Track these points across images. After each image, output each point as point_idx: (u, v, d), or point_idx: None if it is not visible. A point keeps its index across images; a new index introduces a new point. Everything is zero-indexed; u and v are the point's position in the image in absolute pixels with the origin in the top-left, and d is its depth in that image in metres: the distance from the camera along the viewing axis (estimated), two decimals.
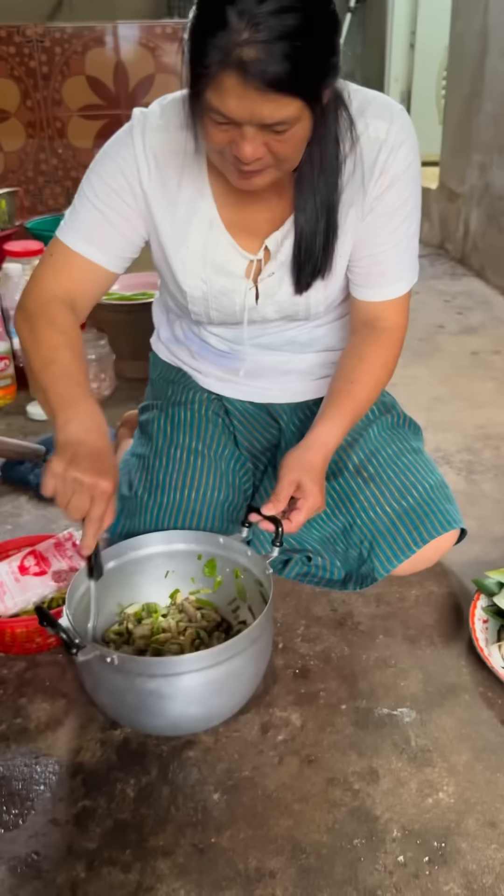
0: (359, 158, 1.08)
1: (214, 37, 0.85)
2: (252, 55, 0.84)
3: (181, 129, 1.06)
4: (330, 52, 0.91)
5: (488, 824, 0.94)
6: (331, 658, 1.20)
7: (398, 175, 1.10)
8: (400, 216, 1.14)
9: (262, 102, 0.88)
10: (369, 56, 4.21)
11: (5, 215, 2.70)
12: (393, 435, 1.35)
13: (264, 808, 0.96)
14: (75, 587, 1.06)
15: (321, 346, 1.33)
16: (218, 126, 0.94)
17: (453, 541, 1.33)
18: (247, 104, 0.88)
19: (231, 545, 1.17)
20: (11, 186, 3.18)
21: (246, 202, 1.12)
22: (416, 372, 2.20)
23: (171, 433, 1.35)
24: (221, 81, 0.87)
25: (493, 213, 2.90)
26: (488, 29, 2.81)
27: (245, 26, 0.84)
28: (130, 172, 1.11)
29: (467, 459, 1.75)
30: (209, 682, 0.98)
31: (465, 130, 3.08)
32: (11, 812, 0.97)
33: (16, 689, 1.15)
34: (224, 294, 1.19)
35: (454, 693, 1.13)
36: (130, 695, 0.94)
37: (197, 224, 1.14)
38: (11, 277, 2.09)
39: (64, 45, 3.47)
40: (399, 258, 1.17)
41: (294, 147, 0.97)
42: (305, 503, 1.10)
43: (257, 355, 1.32)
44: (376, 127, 1.08)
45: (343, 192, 1.10)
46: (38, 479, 1.63)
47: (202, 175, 1.12)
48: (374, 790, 0.99)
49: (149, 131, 1.10)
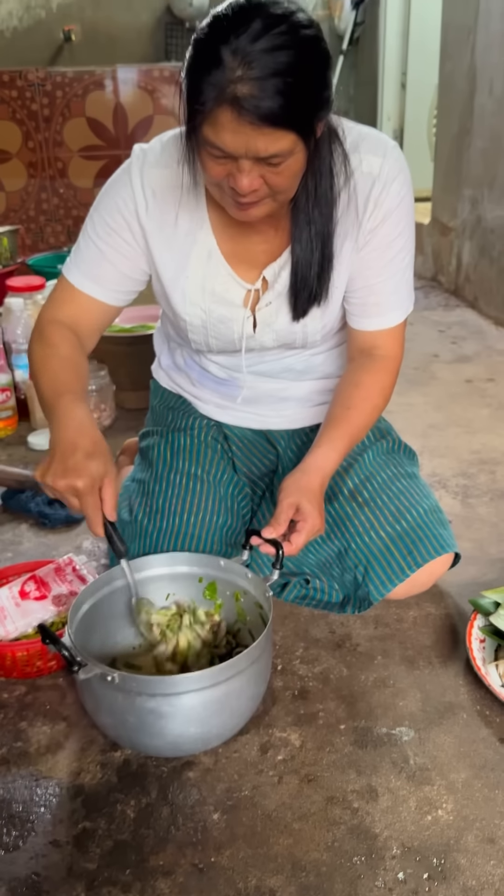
0: (353, 192, 1.12)
1: (210, 74, 0.89)
2: (246, 91, 0.88)
3: (180, 164, 1.10)
4: (322, 87, 0.95)
5: (487, 840, 0.94)
6: (329, 679, 1.21)
7: (391, 209, 1.14)
8: (394, 249, 1.17)
9: (256, 136, 0.92)
10: (362, 96, 4.33)
11: (7, 252, 2.76)
12: (388, 460, 1.37)
13: (264, 828, 0.97)
14: (77, 607, 1.08)
15: (318, 373, 1.36)
16: (215, 160, 0.97)
17: (447, 565, 1.34)
18: (242, 138, 0.92)
19: (232, 568, 1.19)
20: (13, 225, 3.25)
21: (243, 233, 1.16)
22: (412, 399, 2.23)
23: (170, 459, 1.37)
24: (217, 117, 0.91)
25: (485, 246, 2.96)
26: (476, 69, 2.91)
27: (239, 64, 0.88)
28: (128, 210, 1.16)
29: (463, 484, 1.77)
30: (208, 702, 0.99)
31: (456, 166, 3.15)
32: (12, 834, 0.97)
33: (16, 712, 1.15)
34: (222, 322, 1.22)
35: (452, 712, 1.13)
36: (130, 714, 0.95)
37: (196, 255, 1.17)
38: (13, 312, 2.13)
39: (65, 88, 3.57)
40: (394, 289, 1.20)
41: (289, 179, 1.00)
42: (305, 525, 1.12)
43: (256, 382, 1.35)
44: (370, 162, 1.12)
45: (338, 224, 1.13)
46: (39, 507, 1.65)
47: (201, 207, 1.16)
48: (374, 808, 0.99)
49: (147, 168, 1.14)
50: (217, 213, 1.15)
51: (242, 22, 0.89)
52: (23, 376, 2.09)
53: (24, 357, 2.10)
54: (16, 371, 2.10)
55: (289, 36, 0.89)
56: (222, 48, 0.89)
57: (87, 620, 1.10)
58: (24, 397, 2.09)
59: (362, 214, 1.14)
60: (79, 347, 1.19)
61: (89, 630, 1.10)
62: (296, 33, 0.90)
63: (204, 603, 1.22)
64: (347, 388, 1.23)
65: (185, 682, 0.96)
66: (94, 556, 1.53)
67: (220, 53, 0.89)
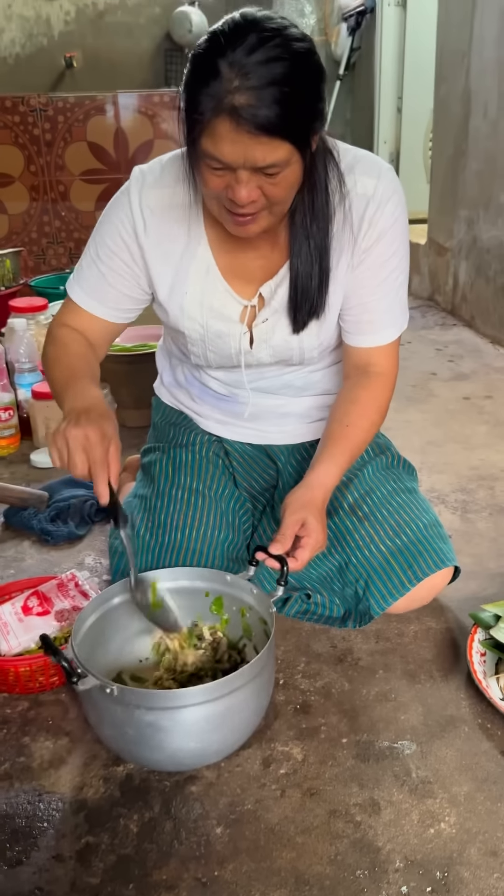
0: (348, 211, 1.15)
1: (208, 86, 0.93)
2: (243, 101, 0.91)
3: (179, 183, 1.13)
4: (316, 99, 0.98)
5: (490, 853, 0.94)
6: (331, 693, 1.21)
7: (385, 229, 1.16)
8: (388, 268, 1.19)
9: (254, 146, 0.95)
10: (359, 120, 4.40)
11: (10, 273, 2.79)
12: (387, 475, 1.38)
13: (267, 841, 0.97)
14: (83, 620, 1.09)
15: (318, 389, 1.38)
16: (214, 172, 1.00)
17: (447, 579, 1.35)
18: (240, 148, 0.95)
19: (238, 583, 1.19)
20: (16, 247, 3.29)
21: (241, 250, 1.18)
22: (411, 417, 2.25)
23: (172, 474, 1.39)
24: (215, 127, 0.95)
25: (481, 266, 3.00)
26: (470, 92, 2.96)
27: (236, 75, 0.91)
28: (126, 231, 1.19)
29: (462, 499, 1.79)
30: (208, 717, 0.99)
31: (452, 188, 3.20)
32: (15, 849, 0.97)
33: (19, 728, 1.16)
34: (220, 337, 1.24)
35: (454, 725, 1.14)
36: (129, 727, 0.96)
37: (195, 270, 1.20)
38: (16, 332, 2.16)
39: (66, 113, 3.63)
40: (388, 307, 1.23)
41: (286, 190, 1.03)
42: (309, 541, 1.13)
43: (256, 399, 1.37)
44: (364, 183, 1.14)
45: (333, 240, 1.16)
46: (41, 524, 1.66)
47: (199, 224, 1.18)
48: (376, 821, 0.99)
49: (145, 188, 1.18)
50: (215, 230, 1.18)
51: (238, 36, 0.93)
52: (25, 395, 2.11)
53: (26, 376, 2.13)
54: (18, 390, 2.11)
55: (283, 48, 0.93)
56: (219, 61, 0.92)
57: (93, 633, 1.11)
58: (27, 416, 2.11)
59: (357, 233, 1.16)
60: (89, 347, 1.24)
61: (95, 642, 1.11)
62: (289, 46, 0.93)
63: (210, 617, 1.23)
64: (344, 405, 1.25)
65: (184, 697, 0.97)
66: (97, 572, 1.54)
67: (217, 66, 0.92)
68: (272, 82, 0.91)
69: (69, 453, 1.03)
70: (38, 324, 2.33)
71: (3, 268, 2.77)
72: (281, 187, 1.01)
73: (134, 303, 1.26)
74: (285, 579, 1.13)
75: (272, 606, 1.12)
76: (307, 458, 1.40)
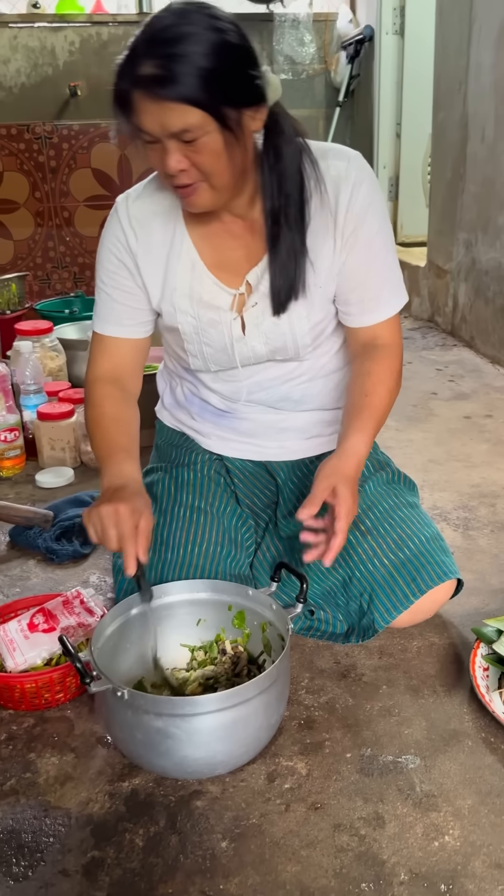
0: (324, 193, 1.20)
1: (123, 66, 1.04)
2: (149, 70, 1.01)
3: (160, 191, 1.25)
4: (229, 70, 1.04)
5: (495, 866, 0.95)
6: (335, 709, 1.22)
7: (365, 209, 1.21)
8: (377, 246, 1.24)
9: (165, 112, 1.02)
10: (358, 146, 4.46)
11: (16, 297, 2.83)
12: (388, 490, 1.40)
13: (272, 855, 0.97)
14: (104, 626, 1.14)
15: (315, 404, 1.40)
16: (149, 147, 1.09)
17: (450, 592, 1.36)
18: (154, 117, 1.03)
19: (259, 598, 1.22)
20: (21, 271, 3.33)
21: (222, 241, 1.24)
22: (412, 436, 2.27)
23: (174, 493, 1.40)
24: (134, 102, 1.04)
25: (480, 287, 3.03)
26: (468, 118, 3.01)
27: (142, 51, 1.01)
28: (119, 248, 1.27)
29: (464, 516, 1.80)
30: (215, 727, 1.00)
31: (451, 211, 3.25)
32: (21, 864, 0.97)
33: (25, 744, 1.17)
34: (212, 326, 1.28)
35: (457, 739, 1.14)
36: (139, 731, 0.97)
37: (181, 268, 1.26)
38: (22, 354, 2.19)
39: (71, 140, 3.70)
40: (385, 283, 1.28)
41: (211, 159, 1.08)
42: (341, 508, 1.15)
43: (255, 413, 1.39)
44: (336, 166, 1.20)
45: (312, 221, 1.21)
46: (46, 543, 1.68)
47: (180, 225, 1.25)
48: (381, 835, 0.99)
49: (130, 202, 1.27)
50: (196, 227, 1.24)
51: (149, 23, 1.04)
52: (31, 416, 2.13)
53: (31, 398, 2.15)
54: (24, 411, 2.14)
55: (185, 24, 1.01)
56: (136, 37, 1.03)
57: (115, 638, 1.14)
58: (32, 437, 2.13)
59: (336, 214, 1.21)
60: (122, 401, 1.32)
61: (117, 648, 1.15)
62: (191, 22, 1.02)
63: (233, 631, 1.25)
64: (360, 379, 1.28)
65: (193, 704, 0.98)
66: (101, 591, 1.55)
67: (134, 42, 1.03)
68: (175, 55, 0.99)
69: (102, 528, 1.12)
70: (43, 346, 2.37)
71: (9, 292, 2.81)
72: (204, 155, 1.07)
73: (147, 314, 1.33)
74: (304, 596, 1.16)
75: (290, 623, 1.14)
76: (308, 474, 1.42)
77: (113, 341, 1.33)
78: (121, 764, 1.12)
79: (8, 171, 3.72)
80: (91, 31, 4.39)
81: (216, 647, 1.25)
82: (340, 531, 1.14)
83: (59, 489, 1.99)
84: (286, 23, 4.51)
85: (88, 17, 4.42)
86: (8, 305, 2.82)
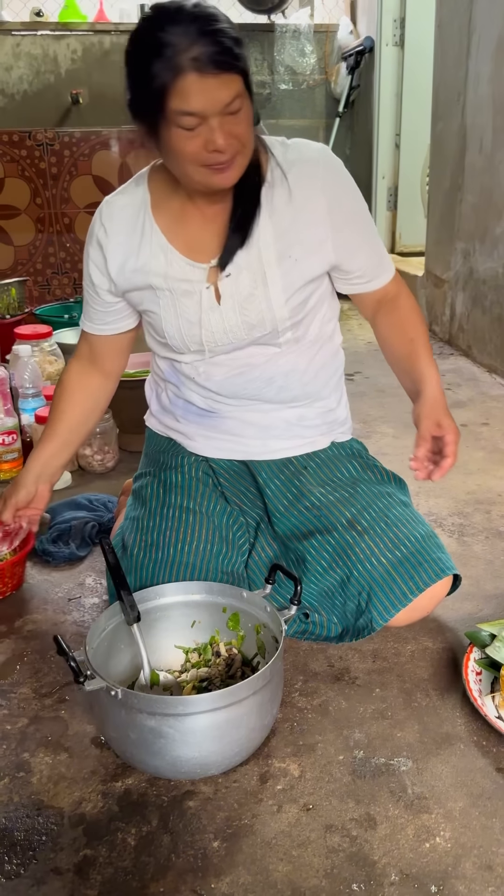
0: (280, 172, 1.26)
1: (160, 56, 1.06)
2: (199, 51, 1.05)
3: (132, 187, 1.32)
4: (239, 39, 1.11)
5: (485, 867, 0.95)
6: (328, 711, 1.22)
7: (347, 191, 1.31)
8: (363, 219, 1.35)
9: (218, 87, 1.07)
10: (358, 156, 4.50)
11: (15, 302, 2.84)
12: (380, 490, 1.41)
13: (263, 855, 0.98)
14: (100, 625, 1.14)
15: (296, 398, 1.40)
16: (188, 134, 1.10)
17: (447, 588, 1.37)
18: (208, 95, 1.07)
19: (253, 600, 1.22)
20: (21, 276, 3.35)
21: (193, 225, 1.29)
22: (409, 442, 2.25)
23: (163, 495, 1.42)
24: (181, 86, 1.06)
25: (477, 297, 3.05)
26: (466, 129, 3.04)
27: (182, 35, 1.05)
28: (95, 251, 1.33)
29: (459, 523, 1.81)
30: (209, 726, 1.01)
31: (449, 221, 3.27)
32: (14, 862, 0.98)
33: (18, 743, 1.17)
34: (187, 296, 1.31)
35: (449, 742, 1.15)
36: (132, 730, 0.97)
37: (153, 254, 1.30)
38: (21, 358, 2.20)
39: (72, 147, 3.72)
40: (380, 250, 1.39)
41: (248, 125, 1.14)
42: (450, 436, 1.28)
43: (237, 412, 1.40)
44: (297, 151, 1.28)
45: (274, 199, 1.26)
46: (43, 545, 1.69)
47: (148, 216, 1.30)
48: (372, 836, 1.00)
49: (105, 203, 1.33)
50: (162, 214, 1.29)
51: (163, 14, 1.07)
52: (29, 420, 2.14)
53: (30, 401, 2.16)
54: (22, 415, 2.15)
55: (203, 4, 1.09)
56: (160, 34, 1.06)
57: (110, 639, 1.15)
58: (30, 440, 2.14)
59: (299, 197, 1.26)
60: (84, 373, 1.48)
61: (111, 649, 1.16)
62: (207, 5, 1.09)
63: (227, 633, 1.25)
64: (395, 330, 1.40)
65: (186, 704, 0.99)
66: (97, 593, 1.56)
67: (160, 39, 1.06)
68: (212, 28, 1.06)
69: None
70: (42, 350, 2.38)
71: (9, 296, 2.82)
72: (244, 123, 1.13)
73: (128, 309, 1.40)
74: (299, 598, 1.17)
75: (284, 625, 1.14)
76: (294, 473, 1.42)
77: (94, 336, 1.44)
78: (114, 764, 1.12)
79: (9, 178, 3.74)
80: (93, 40, 4.42)
81: (210, 649, 1.26)
82: (451, 454, 1.27)
83: (57, 492, 2.00)
84: (287, 33, 4.55)
85: (91, 25, 4.45)
86: (8, 310, 2.83)
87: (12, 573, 1.53)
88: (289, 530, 1.40)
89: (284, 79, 4.65)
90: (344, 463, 1.45)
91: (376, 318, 1.43)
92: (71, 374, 1.48)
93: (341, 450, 1.48)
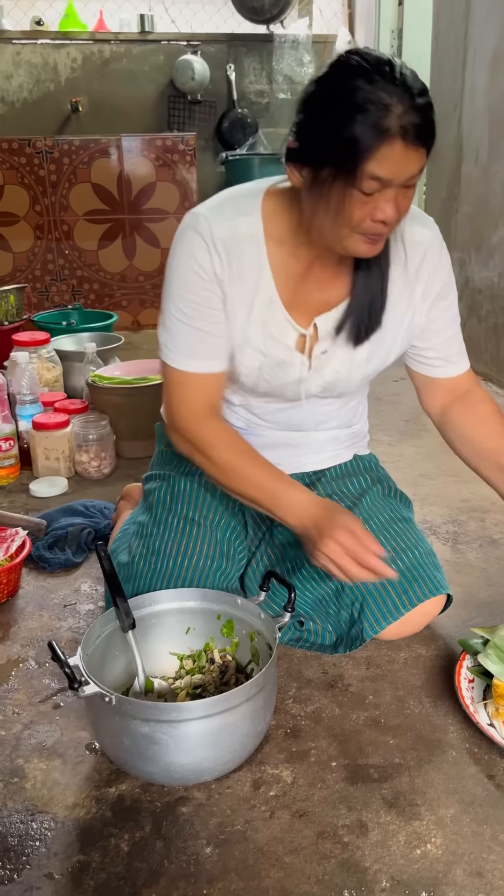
0: (402, 250, 1.24)
1: (368, 116, 0.98)
2: (411, 120, 0.99)
3: (239, 216, 1.19)
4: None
5: (475, 874, 0.96)
6: (322, 718, 1.23)
7: (447, 277, 1.31)
8: (454, 308, 1.35)
9: (414, 160, 1.03)
10: None
11: (14, 308, 2.85)
12: (385, 504, 1.42)
13: (255, 861, 0.98)
14: (94, 630, 1.15)
15: (331, 425, 1.43)
16: (364, 199, 1.05)
17: (440, 607, 1.38)
18: (406, 165, 1.03)
19: (247, 607, 1.23)
20: (20, 283, 3.36)
21: (301, 284, 1.24)
22: (404, 450, 2.29)
23: (169, 503, 1.42)
24: (384, 152, 1.00)
25: (473, 306, 3.07)
26: (462, 139, 3.06)
27: (398, 99, 0.98)
28: (205, 273, 1.19)
29: (453, 531, 1.82)
30: (202, 733, 1.01)
31: (445, 231, 3.26)
32: (7, 867, 0.98)
33: (13, 749, 1.17)
34: (280, 366, 1.28)
35: (442, 750, 1.16)
36: (125, 737, 0.98)
37: (259, 301, 1.23)
38: (19, 364, 2.21)
39: (71, 155, 3.74)
40: (460, 338, 1.39)
41: (410, 202, 1.10)
42: None
43: (270, 431, 1.41)
44: (421, 233, 1.26)
45: (391, 283, 1.25)
46: (39, 551, 1.69)
47: (263, 256, 1.21)
48: (364, 842, 1.00)
49: (212, 224, 1.18)
50: (277, 262, 1.22)
51: (376, 67, 0.99)
52: (26, 426, 2.15)
53: (27, 408, 2.17)
54: (20, 421, 2.16)
55: (408, 68, 1.02)
56: (371, 89, 0.98)
57: (104, 645, 1.16)
58: (27, 446, 2.15)
59: (418, 276, 1.26)
60: (238, 435, 1.30)
61: (106, 655, 1.16)
62: (408, 66, 1.03)
63: (221, 640, 1.26)
64: (484, 422, 1.38)
65: (180, 711, 0.99)
66: (93, 599, 1.57)
67: (372, 95, 0.98)
68: (425, 102, 1.01)
69: (341, 569, 1.16)
70: (40, 357, 2.39)
71: (7, 303, 2.83)
72: (410, 198, 1.08)
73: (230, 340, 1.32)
74: (292, 606, 1.18)
75: (278, 633, 1.15)
76: (310, 485, 1.43)
77: (201, 377, 1.25)
78: (108, 770, 1.13)
79: (9, 185, 3.76)
80: (93, 49, 4.45)
81: (205, 656, 1.27)
82: None
83: (53, 499, 2.01)
84: (286, 43, 4.58)
85: (91, 34, 4.48)
86: (6, 316, 2.84)
87: (8, 579, 1.54)
88: (286, 538, 1.41)
89: (283, 88, 4.68)
90: (356, 477, 1.47)
91: (450, 411, 1.40)
92: (235, 440, 1.28)
93: (359, 462, 1.50)
